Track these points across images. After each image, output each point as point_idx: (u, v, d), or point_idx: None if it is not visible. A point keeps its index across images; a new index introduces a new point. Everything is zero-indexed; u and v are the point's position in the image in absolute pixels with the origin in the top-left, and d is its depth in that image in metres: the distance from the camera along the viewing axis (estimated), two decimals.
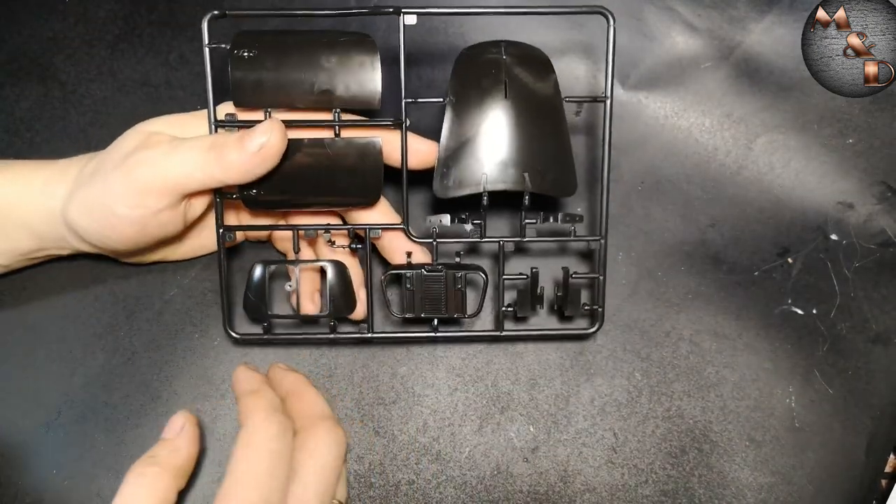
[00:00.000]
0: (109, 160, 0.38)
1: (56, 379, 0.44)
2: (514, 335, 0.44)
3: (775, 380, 0.45)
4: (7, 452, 0.43)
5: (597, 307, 0.43)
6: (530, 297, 0.42)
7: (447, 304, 0.42)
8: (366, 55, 0.40)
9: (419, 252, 0.42)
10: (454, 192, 0.40)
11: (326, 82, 0.40)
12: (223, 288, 0.42)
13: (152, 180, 0.37)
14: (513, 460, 0.44)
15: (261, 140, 0.37)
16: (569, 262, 0.46)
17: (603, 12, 0.40)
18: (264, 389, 0.38)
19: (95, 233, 0.39)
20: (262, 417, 0.35)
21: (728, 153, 0.48)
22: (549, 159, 0.41)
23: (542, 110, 0.41)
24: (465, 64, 0.41)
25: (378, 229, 0.42)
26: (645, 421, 0.45)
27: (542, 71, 0.41)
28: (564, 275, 0.42)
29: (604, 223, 0.42)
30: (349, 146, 0.40)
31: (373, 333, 0.43)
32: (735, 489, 0.44)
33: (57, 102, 0.48)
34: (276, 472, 0.34)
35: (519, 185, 0.40)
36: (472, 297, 0.44)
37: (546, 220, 0.42)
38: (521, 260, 0.46)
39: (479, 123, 0.40)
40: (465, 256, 0.44)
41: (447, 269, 0.41)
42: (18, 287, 0.45)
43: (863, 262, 0.47)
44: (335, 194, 0.41)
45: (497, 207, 0.46)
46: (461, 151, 0.40)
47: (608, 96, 0.41)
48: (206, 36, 0.39)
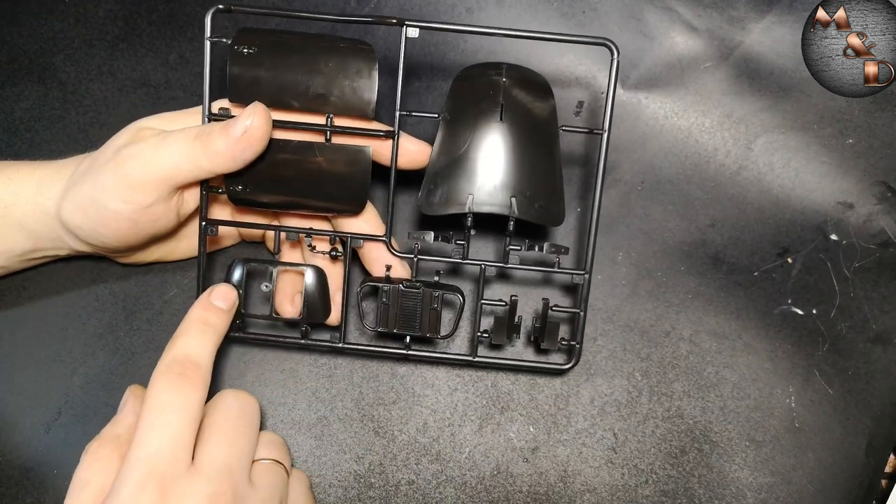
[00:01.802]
0: (101, 157, 0.38)
1: (56, 379, 0.44)
2: (486, 362, 0.43)
3: (775, 380, 0.45)
4: (7, 453, 0.43)
5: (575, 343, 0.42)
6: (507, 325, 0.41)
7: (421, 322, 0.41)
8: (364, 63, 0.39)
9: (399, 266, 0.42)
10: (439, 209, 0.40)
11: (322, 86, 0.39)
12: (200, 282, 0.42)
13: (142, 173, 0.37)
14: (513, 460, 0.44)
15: (245, 123, 0.37)
16: (551, 293, 0.45)
17: (607, 44, 0.39)
18: (178, 335, 0.37)
19: (89, 230, 0.39)
20: (158, 371, 0.35)
21: (728, 153, 0.48)
22: (538, 187, 0.40)
23: (537, 136, 0.40)
24: (463, 82, 0.41)
25: (360, 239, 0.41)
26: (645, 421, 0.45)
27: (540, 97, 0.41)
28: (544, 307, 0.41)
29: (590, 257, 0.41)
30: (339, 152, 0.40)
31: (344, 344, 0.42)
32: (735, 489, 0.44)
33: (57, 102, 0.48)
34: (169, 424, 0.33)
35: (505, 210, 0.39)
36: (448, 319, 0.44)
37: (531, 249, 0.41)
38: (502, 286, 0.46)
39: (471, 143, 0.39)
40: (446, 276, 0.43)
41: (425, 287, 0.41)
42: (18, 287, 0.45)
43: (862, 262, 0.47)
44: (321, 199, 0.41)
45: (484, 230, 0.46)
46: (450, 169, 0.40)
47: (606, 130, 0.40)
48: (208, 29, 0.39)
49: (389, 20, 0.39)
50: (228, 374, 0.45)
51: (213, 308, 0.38)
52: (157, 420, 0.33)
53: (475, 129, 0.39)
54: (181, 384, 0.34)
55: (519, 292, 0.42)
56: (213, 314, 0.38)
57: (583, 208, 0.47)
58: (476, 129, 0.39)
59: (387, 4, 0.48)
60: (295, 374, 0.45)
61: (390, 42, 0.44)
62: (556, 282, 0.46)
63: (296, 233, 0.41)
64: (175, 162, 0.37)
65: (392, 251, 0.41)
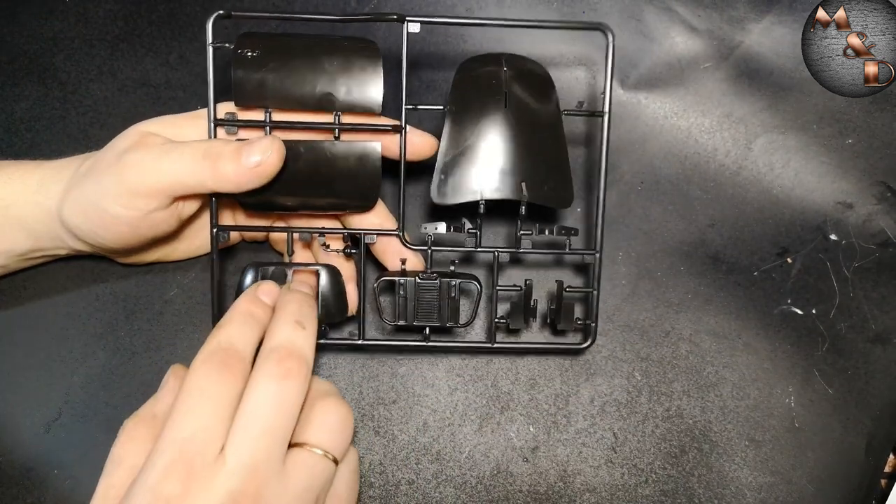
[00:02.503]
0: (104, 160, 0.38)
1: (57, 379, 0.44)
2: (505, 347, 0.44)
3: (775, 380, 0.45)
4: (8, 452, 0.43)
5: (590, 322, 0.43)
6: (523, 310, 0.42)
7: (440, 312, 0.41)
8: (368, 60, 0.39)
9: (413, 258, 0.42)
10: (451, 199, 0.40)
11: (328, 86, 0.39)
12: (214, 287, 0.42)
13: (143, 182, 0.37)
14: (512, 460, 0.44)
15: (258, 157, 0.37)
16: (564, 275, 0.46)
17: (602, 28, 0.40)
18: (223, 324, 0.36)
19: (89, 231, 0.39)
20: (200, 358, 0.34)
21: (728, 153, 0.48)
22: (546, 170, 0.41)
23: (541, 122, 0.41)
24: (466, 74, 0.41)
25: (374, 234, 0.42)
26: (644, 421, 0.45)
27: (542, 84, 0.41)
28: (558, 288, 0.42)
29: (599, 237, 0.42)
30: (348, 150, 0.40)
31: (363, 340, 0.42)
32: (735, 489, 0.44)
33: (57, 102, 0.48)
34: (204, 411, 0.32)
35: (516, 195, 0.40)
36: (466, 307, 0.45)
37: (542, 232, 0.41)
38: (515, 271, 0.46)
39: (477, 133, 0.40)
40: (460, 265, 0.43)
41: (441, 277, 0.41)
42: (18, 287, 0.45)
43: (862, 262, 0.47)
44: (332, 197, 0.41)
45: (494, 217, 0.46)
46: (459, 159, 0.40)
47: (606, 111, 0.41)
48: (210, 35, 0.39)
49: (390, 17, 0.39)
50: None
51: (259, 302, 0.38)
52: (194, 405, 0.32)
53: (481, 119, 0.40)
54: (223, 373, 0.33)
55: (532, 276, 0.42)
56: (259, 308, 0.37)
57: (587, 198, 0.47)
58: (482, 119, 0.40)
59: (387, 4, 0.49)
60: None
61: (390, 42, 0.44)
62: (568, 263, 0.46)
63: (309, 233, 0.41)
64: (179, 176, 0.37)
65: (406, 244, 0.42)
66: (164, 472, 0.31)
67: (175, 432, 0.32)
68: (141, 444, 0.34)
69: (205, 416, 0.32)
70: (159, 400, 0.36)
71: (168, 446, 0.31)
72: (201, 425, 0.32)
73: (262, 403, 0.33)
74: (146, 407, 0.36)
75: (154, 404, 0.36)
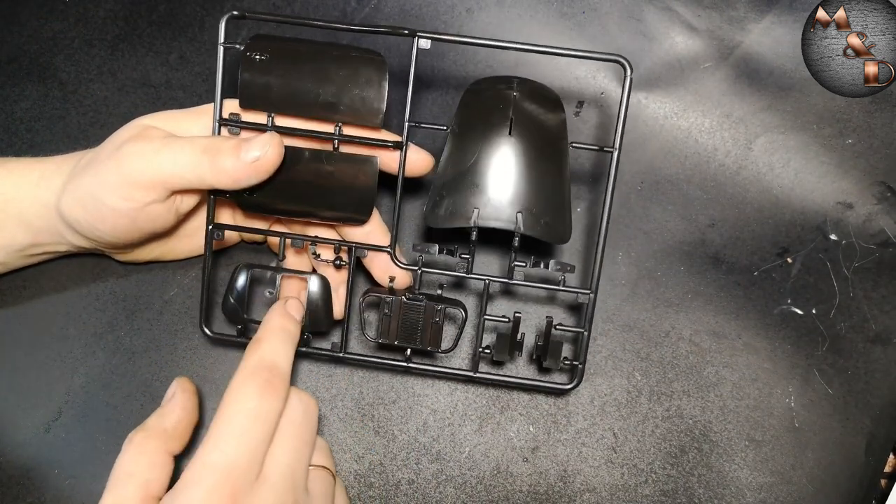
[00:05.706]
0: (103, 151, 0.38)
1: (57, 379, 0.44)
2: (487, 379, 0.43)
3: (775, 380, 0.45)
4: (8, 452, 0.43)
5: (577, 363, 0.41)
6: (509, 343, 0.41)
7: (423, 335, 0.41)
8: (374, 73, 0.39)
9: (403, 276, 0.42)
10: (444, 222, 0.39)
11: (332, 95, 0.39)
12: (205, 285, 0.42)
13: (141, 173, 0.37)
14: (512, 460, 0.44)
15: (257, 153, 0.37)
16: (555, 312, 0.45)
17: (621, 61, 0.38)
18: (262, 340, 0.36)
19: (88, 224, 0.39)
20: (243, 376, 0.34)
21: (728, 153, 0.48)
22: (545, 203, 0.39)
23: (546, 152, 0.39)
24: (473, 95, 0.40)
25: (364, 249, 0.41)
26: (644, 421, 0.45)
27: (551, 113, 0.40)
28: (547, 325, 0.40)
29: (596, 277, 0.40)
30: (347, 161, 0.40)
31: (344, 353, 0.42)
32: (735, 489, 0.44)
33: (57, 102, 0.48)
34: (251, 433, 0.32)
35: (511, 226, 0.39)
36: (450, 333, 0.44)
37: (536, 265, 0.40)
38: (505, 302, 0.46)
39: (478, 157, 0.39)
40: (449, 290, 0.43)
41: (428, 300, 0.40)
42: (18, 287, 0.45)
43: (862, 262, 0.47)
44: (327, 207, 0.41)
45: (490, 243, 0.46)
46: (457, 182, 0.39)
47: (616, 147, 0.39)
48: (222, 35, 0.39)
49: (401, 31, 0.39)
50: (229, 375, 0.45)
51: (289, 318, 0.38)
52: (239, 427, 0.32)
53: (483, 143, 0.39)
54: (269, 393, 0.34)
55: (523, 309, 0.42)
56: (291, 323, 0.38)
57: (589, 220, 0.47)
58: (484, 143, 0.39)
59: (387, 4, 0.49)
60: (295, 374, 0.45)
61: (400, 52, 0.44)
62: (561, 300, 0.46)
63: (301, 240, 0.41)
64: (177, 169, 0.37)
65: (396, 262, 0.41)
66: (209, 493, 0.31)
67: (219, 455, 0.32)
68: (154, 457, 0.34)
69: (252, 438, 0.32)
70: (166, 415, 0.36)
71: (212, 468, 0.31)
72: (247, 447, 0.32)
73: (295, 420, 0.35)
74: (153, 420, 0.36)
75: (161, 419, 0.36)
